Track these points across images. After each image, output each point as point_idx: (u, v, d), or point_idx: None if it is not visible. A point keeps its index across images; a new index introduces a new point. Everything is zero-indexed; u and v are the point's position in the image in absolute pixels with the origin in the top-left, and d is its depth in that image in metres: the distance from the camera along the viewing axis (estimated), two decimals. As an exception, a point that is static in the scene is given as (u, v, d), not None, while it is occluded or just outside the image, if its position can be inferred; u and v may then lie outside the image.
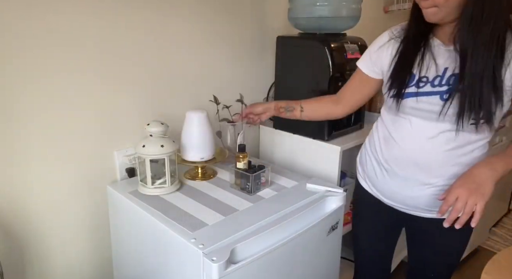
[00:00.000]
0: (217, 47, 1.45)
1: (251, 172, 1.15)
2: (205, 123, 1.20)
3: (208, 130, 1.21)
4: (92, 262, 1.29)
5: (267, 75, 1.64)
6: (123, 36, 1.18)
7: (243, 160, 1.17)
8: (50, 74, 1.06)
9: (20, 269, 1.13)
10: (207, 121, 1.21)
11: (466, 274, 2.04)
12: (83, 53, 1.11)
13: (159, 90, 1.31)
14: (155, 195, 1.13)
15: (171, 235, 0.95)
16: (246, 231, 0.96)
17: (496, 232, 2.45)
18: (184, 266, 0.93)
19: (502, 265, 1.03)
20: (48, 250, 1.17)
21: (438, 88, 0.93)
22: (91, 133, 1.18)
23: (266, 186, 1.20)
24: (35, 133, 1.07)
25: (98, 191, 1.23)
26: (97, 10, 1.11)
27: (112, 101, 1.21)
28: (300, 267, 1.09)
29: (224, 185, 1.22)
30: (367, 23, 1.67)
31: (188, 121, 1.20)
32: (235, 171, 1.18)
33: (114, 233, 1.25)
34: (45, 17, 1.01)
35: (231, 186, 1.20)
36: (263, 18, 1.58)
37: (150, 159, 1.10)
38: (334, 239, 1.20)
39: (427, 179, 0.99)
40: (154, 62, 1.28)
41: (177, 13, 1.30)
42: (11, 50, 0.98)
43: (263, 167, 1.19)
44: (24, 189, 1.08)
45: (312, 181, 1.23)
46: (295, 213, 1.05)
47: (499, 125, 1.89)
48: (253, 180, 1.14)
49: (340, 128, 1.46)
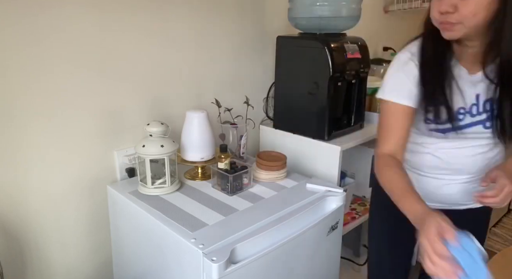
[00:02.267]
0: (217, 47, 1.45)
1: (232, 172, 1.15)
2: (205, 123, 1.20)
3: (208, 130, 1.21)
4: (92, 262, 1.29)
5: (267, 75, 1.64)
6: (124, 36, 1.18)
7: (224, 160, 1.16)
8: (50, 74, 1.06)
9: (20, 269, 1.13)
10: (207, 121, 1.21)
11: (466, 274, 2.04)
12: (83, 53, 1.11)
13: (159, 90, 1.31)
14: (155, 195, 1.13)
15: (171, 235, 0.95)
16: (246, 231, 0.95)
17: (496, 232, 2.45)
18: (184, 266, 0.93)
19: (502, 265, 1.03)
20: (48, 250, 1.17)
21: (478, 117, 0.94)
22: (91, 133, 1.18)
23: (249, 187, 1.20)
24: (35, 134, 1.07)
25: (98, 191, 1.23)
26: (97, 9, 1.11)
27: (112, 101, 1.21)
28: (300, 267, 1.09)
29: (224, 185, 1.22)
30: (367, 23, 1.67)
31: (188, 121, 1.20)
32: (217, 171, 1.17)
33: (114, 233, 1.25)
34: (45, 15, 1.01)
35: (213, 186, 1.20)
36: (263, 18, 1.58)
37: (150, 159, 1.09)
38: (334, 239, 1.20)
39: (462, 177, 1.01)
40: (154, 62, 1.28)
41: (177, 13, 1.30)
42: (11, 50, 0.98)
43: (245, 168, 1.18)
44: (24, 189, 1.08)
45: (312, 181, 1.23)
46: (295, 213, 1.05)
47: None
48: (232, 181, 1.13)
49: (340, 128, 1.46)
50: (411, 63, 0.93)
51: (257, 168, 1.26)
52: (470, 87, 0.93)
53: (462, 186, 1.02)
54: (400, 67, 0.95)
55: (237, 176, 1.15)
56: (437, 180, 1.04)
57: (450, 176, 1.02)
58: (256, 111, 1.62)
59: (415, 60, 0.93)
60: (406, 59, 0.94)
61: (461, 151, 0.98)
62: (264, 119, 1.67)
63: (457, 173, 1.01)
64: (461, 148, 0.98)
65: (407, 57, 0.95)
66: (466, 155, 0.98)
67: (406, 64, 0.94)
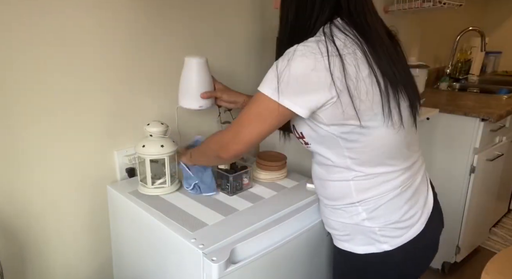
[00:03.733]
0: (217, 47, 1.45)
1: (232, 172, 1.15)
2: (205, 70, 1.14)
3: (207, 78, 1.15)
4: (92, 262, 1.29)
5: (267, 75, 1.63)
6: (123, 36, 1.18)
7: None
8: (50, 74, 1.06)
9: (20, 269, 1.13)
10: (207, 68, 1.15)
11: (466, 274, 2.04)
12: (83, 53, 1.11)
13: (159, 90, 1.31)
14: (155, 195, 1.13)
15: (171, 235, 0.95)
16: (246, 231, 0.96)
17: (496, 232, 2.45)
18: (184, 266, 0.93)
19: (502, 265, 1.03)
20: (48, 250, 1.17)
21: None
22: (91, 133, 1.18)
23: (249, 187, 1.20)
24: (35, 134, 1.07)
25: (98, 191, 1.23)
26: (97, 10, 1.11)
27: (112, 101, 1.21)
28: (300, 267, 1.09)
29: (224, 185, 1.22)
30: (367, 23, 1.66)
31: (187, 68, 1.14)
32: (217, 171, 1.17)
33: (114, 233, 1.25)
34: (45, 16, 1.01)
35: None
36: (263, 18, 1.58)
37: (150, 159, 1.10)
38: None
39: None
40: (154, 62, 1.28)
41: (177, 13, 1.30)
42: (11, 50, 0.98)
43: (245, 168, 1.18)
44: (24, 189, 1.08)
45: (312, 181, 1.23)
46: (295, 213, 1.05)
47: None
48: (232, 181, 1.13)
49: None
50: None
51: (257, 168, 1.26)
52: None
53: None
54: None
55: (237, 176, 1.15)
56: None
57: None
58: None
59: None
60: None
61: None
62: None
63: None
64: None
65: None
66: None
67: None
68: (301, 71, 0.77)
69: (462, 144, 1.86)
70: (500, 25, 3.21)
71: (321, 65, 0.76)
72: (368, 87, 0.79)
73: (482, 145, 1.85)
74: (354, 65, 0.78)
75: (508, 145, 2.14)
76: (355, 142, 0.85)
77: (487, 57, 3.05)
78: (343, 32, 0.81)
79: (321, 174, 0.98)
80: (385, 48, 0.83)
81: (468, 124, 1.83)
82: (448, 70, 2.70)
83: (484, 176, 1.96)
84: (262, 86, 0.84)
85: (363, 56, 0.79)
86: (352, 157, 0.87)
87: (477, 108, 1.89)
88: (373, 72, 0.80)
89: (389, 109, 0.83)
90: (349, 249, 0.95)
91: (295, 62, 0.77)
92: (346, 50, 0.78)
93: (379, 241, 0.91)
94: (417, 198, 0.94)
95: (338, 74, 0.76)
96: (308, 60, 0.76)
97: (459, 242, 1.96)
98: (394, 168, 0.90)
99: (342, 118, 0.81)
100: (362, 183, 0.89)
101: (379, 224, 0.91)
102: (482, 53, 2.76)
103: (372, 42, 0.82)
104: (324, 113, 0.81)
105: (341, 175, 0.91)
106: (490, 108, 1.89)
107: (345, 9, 0.83)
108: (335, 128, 0.84)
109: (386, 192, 0.89)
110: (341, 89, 0.77)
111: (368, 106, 0.80)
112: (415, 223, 0.92)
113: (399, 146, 0.88)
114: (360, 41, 0.80)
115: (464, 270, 2.06)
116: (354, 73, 0.78)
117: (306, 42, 0.80)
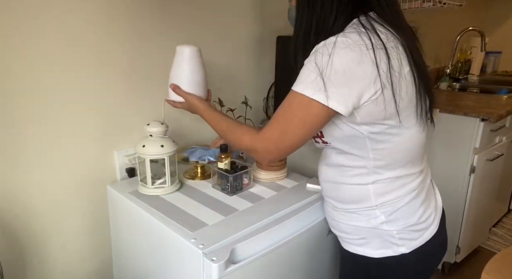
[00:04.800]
0: (217, 47, 1.45)
1: (232, 172, 1.14)
2: (198, 60, 1.06)
3: (200, 68, 1.07)
4: (92, 262, 1.29)
5: (267, 75, 1.64)
6: (122, 36, 1.18)
7: (224, 160, 1.16)
8: (50, 74, 1.06)
9: (20, 269, 1.13)
10: (200, 58, 1.07)
11: (466, 274, 2.04)
12: (82, 53, 1.11)
13: (159, 90, 1.31)
14: (155, 195, 1.13)
15: (171, 235, 0.95)
16: (246, 231, 0.96)
17: (496, 232, 2.45)
18: (184, 266, 0.93)
19: (502, 265, 1.03)
20: (48, 250, 1.17)
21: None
22: (91, 133, 1.18)
23: (249, 187, 1.20)
24: (35, 134, 1.07)
25: (98, 191, 1.23)
26: (96, 10, 1.11)
27: (112, 101, 1.21)
28: (300, 267, 1.09)
29: (224, 185, 1.22)
30: (367, 23, 1.66)
31: (178, 57, 1.06)
32: (217, 171, 1.17)
33: (114, 233, 1.25)
34: (44, 16, 1.01)
35: (213, 186, 1.20)
36: (263, 18, 1.58)
37: (150, 159, 1.10)
38: (334, 239, 1.20)
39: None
40: (154, 62, 1.28)
41: (176, 13, 1.30)
42: (11, 50, 0.98)
43: (245, 168, 1.18)
44: (24, 189, 1.08)
45: (312, 181, 1.23)
46: (295, 213, 1.05)
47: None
48: (232, 181, 1.13)
49: (340, 128, 1.46)
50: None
51: (257, 168, 1.26)
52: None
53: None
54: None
55: (237, 176, 1.15)
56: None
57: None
58: (256, 112, 1.63)
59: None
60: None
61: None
62: (264, 119, 1.67)
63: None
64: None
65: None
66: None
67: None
68: (346, 66, 0.70)
69: (462, 144, 1.86)
70: (500, 25, 3.21)
71: (367, 58, 0.71)
72: (408, 84, 0.76)
73: (482, 145, 1.85)
74: (398, 60, 0.73)
75: (508, 144, 2.14)
76: (384, 142, 0.81)
77: (487, 57, 3.04)
78: (382, 25, 0.76)
79: (333, 177, 0.93)
80: (418, 45, 0.81)
81: (468, 124, 1.83)
82: (448, 70, 2.70)
83: (484, 176, 1.96)
84: (300, 86, 0.75)
85: (404, 52, 0.75)
86: (377, 159, 0.83)
87: (477, 108, 1.89)
88: (413, 70, 0.76)
89: (421, 109, 0.80)
90: (363, 253, 0.91)
91: (338, 56, 0.70)
92: (389, 44, 0.73)
93: (396, 244, 0.88)
94: (429, 199, 0.93)
95: (384, 68, 0.72)
96: (353, 53, 0.70)
97: (459, 242, 1.96)
98: (412, 170, 0.87)
99: (380, 117, 0.76)
100: (382, 186, 0.86)
101: (397, 227, 0.87)
102: (482, 53, 2.76)
103: (409, 38, 0.78)
104: (361, 110, 0.75)
105: (360, 178, 0.86)
106: (490, 108, 1.88)
107: (374, 2, 0.78)
108: (366, 128, 0.79)
109: (403, 195, 0.87)
110: (385, 84, 0.72)
111: (405, 104, 0.77)
112: (430, 225, 0.91)
113: (420, 147, 0.87)
114: (399, 36, 0.76)
115: (464, 270, 2.06)
116: (398, 68, 0.73)
117: (346, 33, 0.73)
